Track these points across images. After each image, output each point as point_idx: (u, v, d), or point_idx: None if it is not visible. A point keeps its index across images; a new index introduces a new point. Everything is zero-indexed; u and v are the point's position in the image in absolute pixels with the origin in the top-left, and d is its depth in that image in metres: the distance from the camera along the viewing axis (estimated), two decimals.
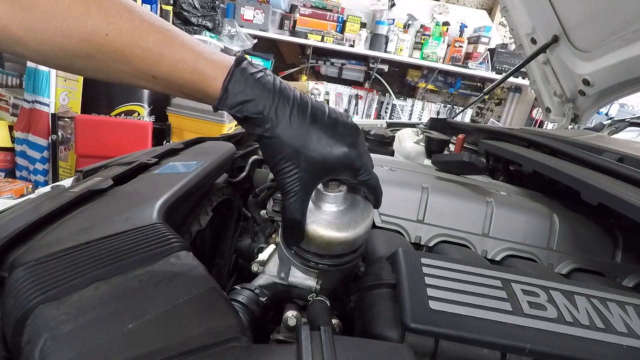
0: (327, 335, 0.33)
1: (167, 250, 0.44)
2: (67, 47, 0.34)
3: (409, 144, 1.27)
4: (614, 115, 3.92)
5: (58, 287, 0.37)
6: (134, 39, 0.35)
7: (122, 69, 0.36)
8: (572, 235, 0.63)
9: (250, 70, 0.38)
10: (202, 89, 0.38)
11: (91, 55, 0.35)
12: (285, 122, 0.38)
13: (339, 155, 0.40)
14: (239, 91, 0.37)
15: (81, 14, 0.33)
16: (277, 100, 0.38)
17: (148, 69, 0.36)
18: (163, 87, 0.38)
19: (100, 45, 0.34)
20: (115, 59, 0.35)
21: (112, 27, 0.34)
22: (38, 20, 0.32)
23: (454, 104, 4.41)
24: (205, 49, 0.38)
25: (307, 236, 0.45)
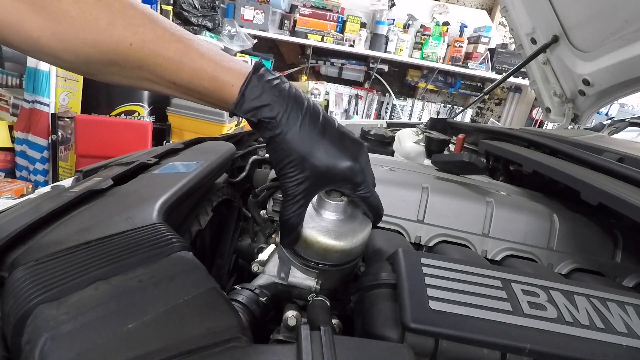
0: (327, 335, 0.33)
1: (167, 250, 0.44)
2: (95, 56, 0.35)
3: (409, 144, 1.27)
4: (614, 115, 3.93)
5: (58, 287, 0.37)
6: (157, 48, 0.36)
7: (144, 76, 0.38)
8: (572, 235, 0.63)
9: (267, 77, 0.40)
10: (220, 96, 0.40)
11: (116, 64, 0.36)
12: (296, 128, 0.39)
13: (343, 168, 0.41)
14: (255, 96, 0.39)
15: (107, 24, 0.34)
16: (290, 107, 0.39)
17: (169, 77, 0.38)
18: (182, 93, 0.40)
19: (125, 54, 0.35)
20: (140, 66, 0.37)
21: (136, 37, 0.35)
22: (67, 32, 0.33)
23: (454, 104, 4.41)
24: (224, 58, 0.40)
25: (305, 241, 0.46)
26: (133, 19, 0.35)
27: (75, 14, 0.33)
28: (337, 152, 0.41)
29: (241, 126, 2.86)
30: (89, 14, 0.33)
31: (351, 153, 0.41)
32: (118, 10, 0.34)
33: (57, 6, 0.32)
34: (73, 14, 0.33)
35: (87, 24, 0.33)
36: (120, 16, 0.34)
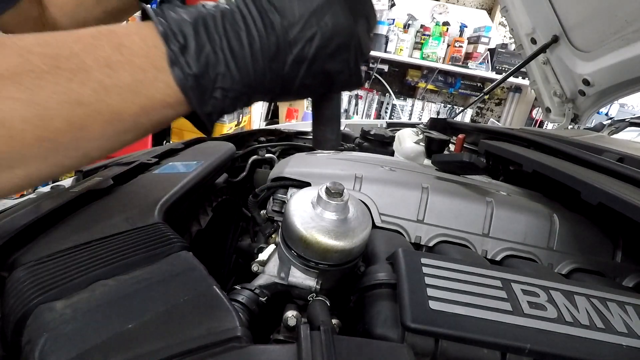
0: (327, 335, 0.33)
1: (167, 250, 0.44)
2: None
3: (409, 144, 1.27)
4: (614, 115, 3.93)
5: (58, 287, 0.37)
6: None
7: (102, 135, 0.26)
8: (572, 235, 0.63)
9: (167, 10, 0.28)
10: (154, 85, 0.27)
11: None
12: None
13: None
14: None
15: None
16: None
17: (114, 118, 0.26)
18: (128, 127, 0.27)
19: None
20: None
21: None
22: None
23: (454, 104, 4.41)
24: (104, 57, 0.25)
25: (305, 241, 0.46)
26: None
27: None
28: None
29: (241, 126, 2.86)
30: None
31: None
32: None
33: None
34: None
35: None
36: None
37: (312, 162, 0.71)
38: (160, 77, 0.26)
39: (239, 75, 0.28)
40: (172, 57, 0.26)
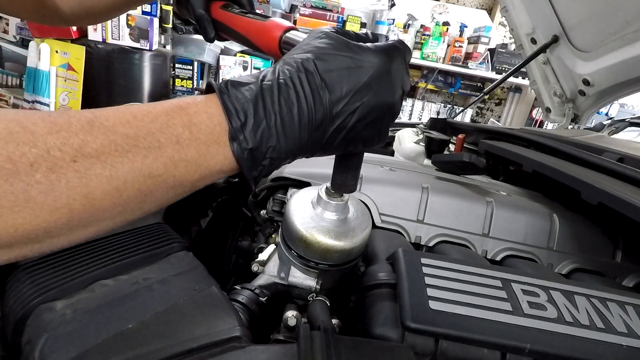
0: (327, 335, 0.33)
1: (167, 250, 0.44)
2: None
3: (409, 144, 1.26)
4: (614, 115, 3.92)
5: (58, 287, 0.37)
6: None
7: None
8: (572, 235, 0.63)
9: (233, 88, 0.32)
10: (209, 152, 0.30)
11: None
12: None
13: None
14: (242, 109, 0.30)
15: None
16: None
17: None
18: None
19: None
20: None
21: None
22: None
23: (454, 104, 4.41)
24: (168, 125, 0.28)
25: (305, 241, 0.46)
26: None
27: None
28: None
29: None
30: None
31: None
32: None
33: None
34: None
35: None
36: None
37: (312, 162, 0.71)
38: (221, 151, 0.30)
39: (287, 146, 0.32)
40: (232, 134, 0.30)
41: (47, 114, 0.25)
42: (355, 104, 0.33)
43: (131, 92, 2.34)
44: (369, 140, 0.36)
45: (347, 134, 0.34)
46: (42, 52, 2.04)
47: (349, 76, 0.33)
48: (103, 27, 2.19)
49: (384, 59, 0.34)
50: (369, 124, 0.34)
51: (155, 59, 2.41)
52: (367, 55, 0.33)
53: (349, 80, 0.32)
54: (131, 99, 2.34)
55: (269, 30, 0.46)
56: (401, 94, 0.36)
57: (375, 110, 0.34)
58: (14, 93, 2.32)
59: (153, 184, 0.28)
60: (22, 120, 0.23)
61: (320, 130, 0.33)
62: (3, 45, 2.45)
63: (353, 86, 0.33)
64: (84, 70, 2.16)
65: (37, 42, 2.08)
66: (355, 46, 0.34)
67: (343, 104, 0.32)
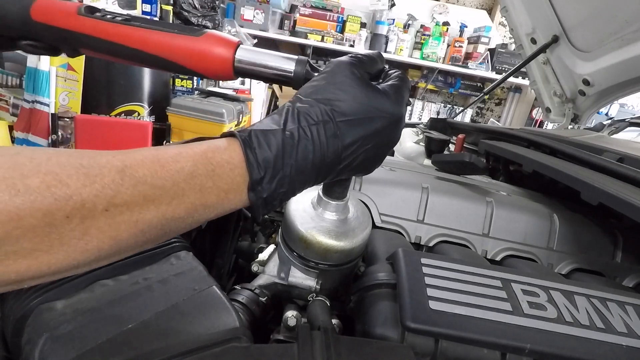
0: (327, 335, 0.33)
1: (167, 250, 0.44)
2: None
3: (409, 144, 1.27)
4: (614, 115, 3.93)
5: (58, 287, 0.37)
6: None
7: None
8: (572, 235, 0.63)
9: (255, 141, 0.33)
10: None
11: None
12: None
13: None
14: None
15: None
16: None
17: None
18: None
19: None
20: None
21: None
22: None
23: (454, 104, 4.41)
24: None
25: (305, 241, 0.46)
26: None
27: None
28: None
29: (241, 126, 2.85)
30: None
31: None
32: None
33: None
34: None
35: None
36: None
37: None
38: (238, 197, 0.32)
39: (296, 188, 0.34)
40: (251, 186, 0.32)
41: (78, 162, 0.26)
42: (364, 147, 0.35)
43: (131, 92, 2.34)
44: (369, 170, 0.39)
45: (352, 170, 0.37)
46: None
47: (363, 124, 0.34)
48: None
49: (397, 108, 0.36)
50: (372, 158, 0.37)
51: None
52: (383, 104, 0.35)
53: (362, 128, 0.34)
54: (132, 99, 2.34)
55: (208, 50, 0.40)
56: (399, 133, 0.39)
57: (381, 147, 0.37)
58: (14, 93, 2.32)
59: (174, 225, 0.30)
60: (57, 172, 0.25)
61: (327, 170, 0.35)
62: None
63: (365, 133, 0.35)
64: (84, 70, 2.16)
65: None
66: (372, 95, 0.35)
67: (353, 148, 0.34)
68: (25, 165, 0.24)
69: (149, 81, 2.40)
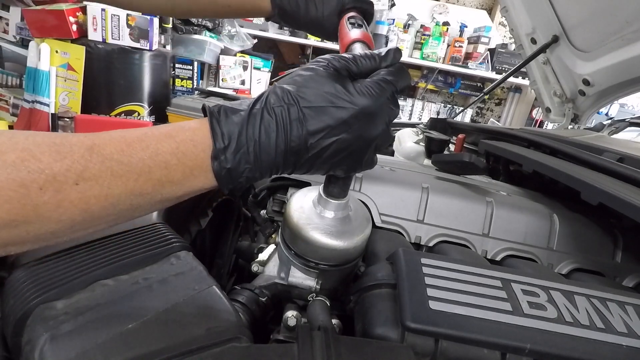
0: (327, 335, 0.33)
1: (167, 250, 0.44)
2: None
3: (409, 144, 1.27)
4: (614, 115, 3.92)
5: (58, 287, 0.37)
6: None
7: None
8: (572, 235, 0.63)
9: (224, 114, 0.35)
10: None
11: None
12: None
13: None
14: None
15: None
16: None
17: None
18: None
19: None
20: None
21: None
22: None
23: (454, 104, 4.41)
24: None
25: (305, 241, 0.46)
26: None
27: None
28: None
29: None
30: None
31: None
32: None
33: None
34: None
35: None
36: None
37: None
38: (203, 174, 0.34)
39: (261, 168, 0.35)
40: (215, 154, 0.33)
41: (52, 140, 0.29)
42: (331, 139, 0.35)
43: (131, 92, 2.34)
44: (350, 168, 0.39)
45: (324, 163, 0.37)
46: (42, 52, 2.04)
47: (327, 113, 0.35)
48: (103, 27, 2.18)
49: (368, 102, 0.36)
50: (347, 156, 0.37)
51: (155, 59, 2.40)
52: (351, 96, 0.36)
53: (327, 117, 0.35)
54: (131, 99, 2.34)
55: (342, 40, 0.58)
56: (385, 127, 0.38)
57: (353, 144, 0.36)
58: (14, 93, 2.32)
59: (143, 200, 0.32)
60: (31, 149, 0.27)
61: (294, 157, 0.35)
62: (3, 45, 2.44)
63: (330, 122, 0.35)
64: (84, 70, 2.16)
65: (37, 42, 2.08)
66: (341, 86, 0.36)
67: (318, 137, 0.35)
68: (5, 143, 0.27)
69: (149, 81, 2.40)
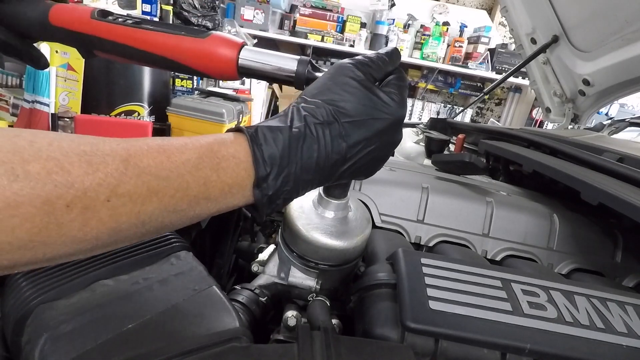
0: (327, 335, 0.33)
1: (167, 250, 0.44)
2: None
3: (409, 144, 1.27)
4: (614, 115, 3.92)
5: (58, 287, 0.37)
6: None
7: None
8: (572, 235, 0.63)
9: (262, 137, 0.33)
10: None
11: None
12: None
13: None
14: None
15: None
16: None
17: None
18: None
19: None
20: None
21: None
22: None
23: (454, 104, 4.41)
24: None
25: (305, 241, 0.46)
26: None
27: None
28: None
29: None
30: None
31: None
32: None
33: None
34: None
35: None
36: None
37: None
38: (241, 192, 0.31)
39: (300, 187, 0.34)
40: (257, 183, 0.31)
41: (81, 149, 0.25)
42: (368, 148, 0.35)
43: (131, 92, 2.33)
44: (371, 172, 0.39)
45: (355, 171, 0.37)
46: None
47: (366, 125, 0.35)
48: None
49: (398, 110, 0.36)
50: (376, 161, 0.38)
51: None
52: (385, 105, 0.36)
53: (366, 129, 0.35)
54: (132, 99, 2.34)
55: (213, 51, 0.42)
56: (401, 132, 0.39)
57: (383, 150, 0.37)
58: (14, 93, 2.32)
59: (175, 217, 0.29)
60: (59, 158, 0.23)
61: (331, 170, 0.35)
62: None
63: (369, 134, 0.35)
64: (84, 70, 2.16)
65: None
66: (375, 96, 0.36)
67: (357, 149, 0.35)
68: (26, 149, 0.23)
69: (149, 81, 2.40)
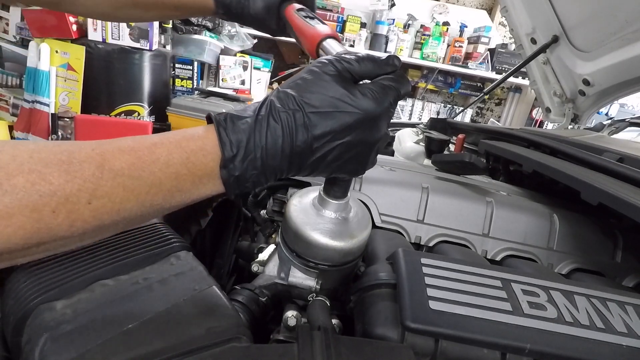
0: (327, 335, 0.33)
1: (167, 250, 0.44)
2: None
3: (409, 144, 1.27)
4: (614, 115, 3.92)
5: (58, 287, 0.37)
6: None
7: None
8: (572, 235, 0.63)
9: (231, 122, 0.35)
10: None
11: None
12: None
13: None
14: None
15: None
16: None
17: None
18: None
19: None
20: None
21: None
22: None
23: (454, 104, 4.41)
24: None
25: (305, 241, 0.46)
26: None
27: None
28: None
29: None
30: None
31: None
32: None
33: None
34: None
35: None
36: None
37: None
38: (211, 181, 0.34)
39: (268, 172, 0.35)
40: (224, 163, 0.33)
41: (58, 158, 0.28)
42: (335, 142, 0.35)
43: (131, 92, 2.34)
44: (351, 171, 0.39)
45: (328, 166, 0.37)
46: (42, 52, 2.04)
47: (333, 118, 0.35)
48: (103, 27, 2.18)
49: (371, 106, 0.36)
50: (350, 158, 0.37)
51: (155, 59, 2.40)
52: (355, 100, 0.35)
53: (333, 121, 0.35)
54: (132, 99, 2.34)
55: (311, 35, 0.51)
56: (386, 128, 0.39)
57: (357, 147, 0.37)
58: (14, 93, 2.32)
59: (152, 209, 0.32)
60: (40, 170, 0.26)
61: (299, 159, 0.36)
62: (3, 45, 2.44)
63: (335, 126, 0.35)
64: (84, 70, 2.16)
65: (37, 42, 2.08)
66: (345, 90, 0.36)
67: (323, 141, 0.35)
68: (9, 164, 0.26)
69: (149, 81, 2.40)
